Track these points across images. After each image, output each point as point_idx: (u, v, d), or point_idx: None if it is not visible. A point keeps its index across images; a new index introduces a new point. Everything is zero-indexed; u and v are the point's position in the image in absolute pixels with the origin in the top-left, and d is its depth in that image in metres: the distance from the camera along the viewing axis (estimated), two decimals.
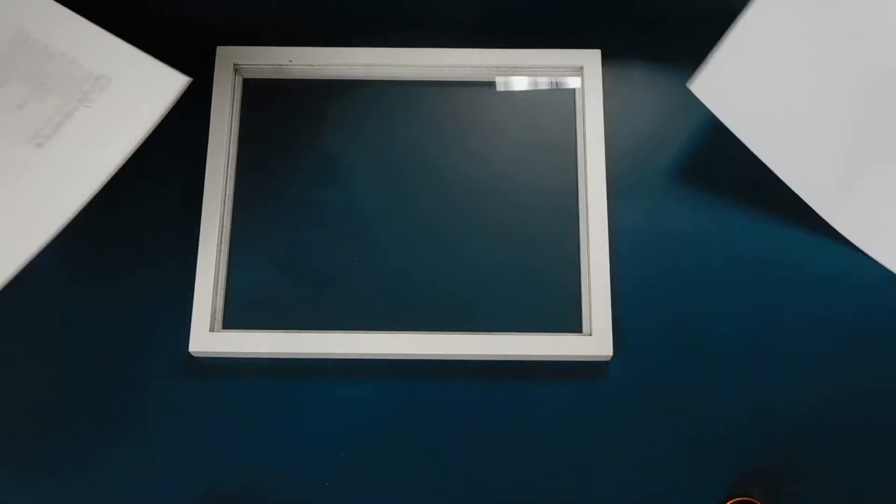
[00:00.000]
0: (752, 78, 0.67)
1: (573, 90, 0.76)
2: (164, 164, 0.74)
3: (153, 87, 0.63)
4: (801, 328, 0.70)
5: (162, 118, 0.62)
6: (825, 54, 0.67)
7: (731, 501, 0.65)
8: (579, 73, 0.75)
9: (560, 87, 0.76)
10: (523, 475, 0.67)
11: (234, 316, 0.70)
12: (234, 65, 0.75)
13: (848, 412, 0.69)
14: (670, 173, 0.74)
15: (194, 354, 0.69)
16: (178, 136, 0.74)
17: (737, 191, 0.73)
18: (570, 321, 0.70)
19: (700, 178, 0.74)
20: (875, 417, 0.69)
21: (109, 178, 0.62)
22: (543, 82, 0.76)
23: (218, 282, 0.70)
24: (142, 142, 0.62)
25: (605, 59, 0.76)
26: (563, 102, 0.75)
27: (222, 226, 0.72)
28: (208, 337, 0.68)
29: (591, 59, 0.75)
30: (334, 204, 0.72)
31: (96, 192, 0.61)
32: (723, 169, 0.74)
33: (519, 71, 0.76)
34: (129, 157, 0.62)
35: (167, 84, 0.63)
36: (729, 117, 0.68)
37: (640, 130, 0.75)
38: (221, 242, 0.71)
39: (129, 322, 0.71)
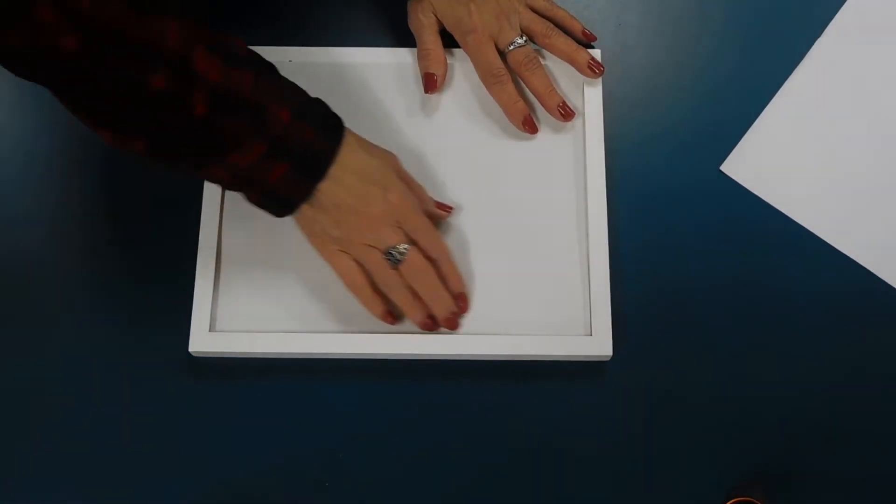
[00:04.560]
0: (781, 153, 0.74)
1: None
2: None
3: None
4: (804, 329, 0.70)
5: None
6: (850, 123, 0.75)
7: (731, 501, 0.65)
8: (579, 72, 0.75)
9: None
10: (523, 475, 0.67)
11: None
12: None
13: (849, 413, 0.68)
14: (671, 174, 0.74)
15: (194, 354, 0.69)
16: None
17: (737, 190, 0.74)
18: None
19: (701, 177, 0.74)
20: (876, 417, 0.68)
21: None
22: None
23: (218, 281, 0.70)
24: None
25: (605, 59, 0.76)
26: None
27: (222, 225, 0.71)
28: (208, 337, 0.68)
29: None
30: None
31: None
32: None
33: None
34: None
35: None
36: (763, 192, 0.72)
37: (640, 130, 0.75)
38: (221, 241, 0.71)
39: (129, 322, 0.71)
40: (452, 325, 0.68)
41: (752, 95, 0.76)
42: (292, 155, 0.62)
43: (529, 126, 0.73)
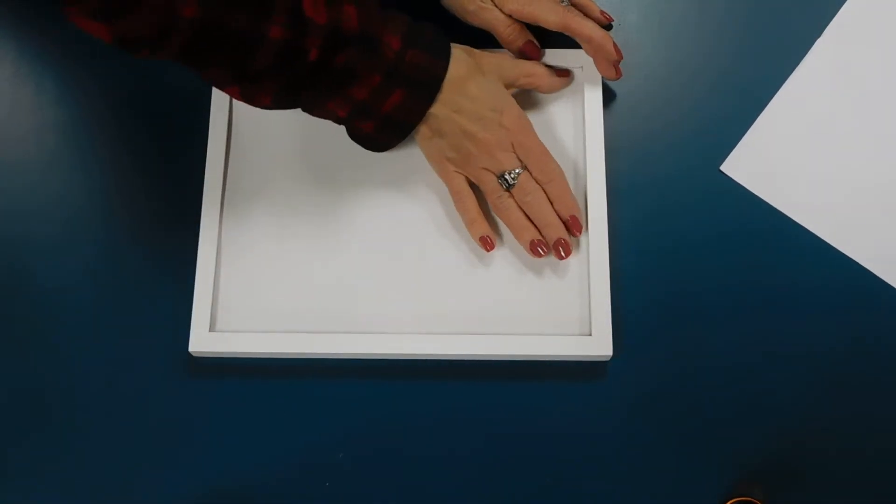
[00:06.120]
0: (781, 153, 0.74)
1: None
2: (164, 163, 0.74)
3: None
4: (804, 329, 0.70)
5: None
6: (851, 123, 0.75)
7: (731, 501, 0.65)
8: (579, 72, 0.75)
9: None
10: (523, 475, 0.67)
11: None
12: None
13: (849, 413, 0.68)
14: (671, 173, 0.74)
15: (194, 354, 0.69)
16: (179, 134, 0.74)
17: (737, 190, 0.74)
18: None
19: (701, 177, 0.74)
20: (876, 417, 0.68)
21: None
22: None
23: (218, 281, 0.70)
24: None
25: None
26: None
27: (222, 225, 0.72)
28: (208, 337, 0.68)
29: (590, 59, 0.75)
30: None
31: None
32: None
33: None
34: None
35: None
36: (763, 192, 0.72)
37: (640, 130, 0.75)
38: (221, 241, 0.71)
39: (129, 322, 0.71)
40: (560, 252, 0.69)
41: (752, 95, 0.76)
42: (406, 80, 0.65)
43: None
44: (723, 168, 0.74)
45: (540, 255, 0.69)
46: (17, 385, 0.69)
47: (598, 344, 0.68)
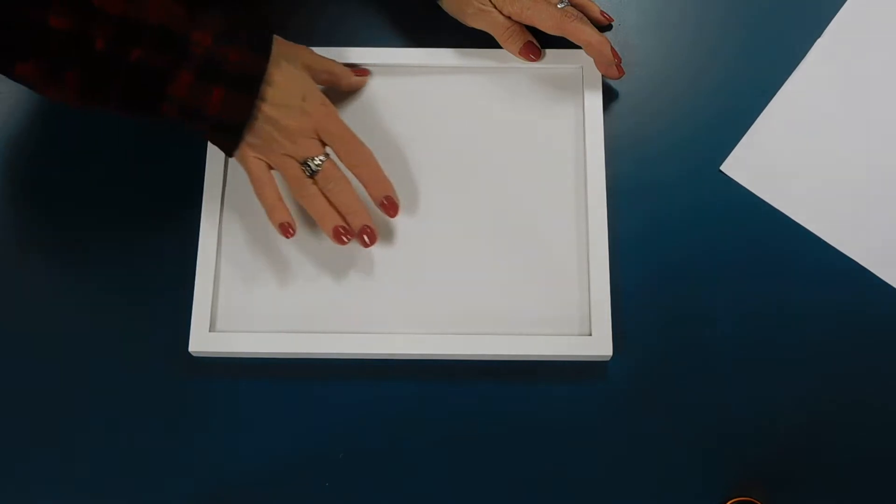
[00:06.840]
0: (781, 153, 0.74)
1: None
2: (164, 164, 0.74)
3: None
4: (804, 329, 0.70)
5: None
6: (849, 125, 0.75)
7: (731, 501, 0.65)
8: (579, 72, 0.75)
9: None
10: (523, 475, 0.67)
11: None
12: None
13: (849, 413, 0.68)
14: (671, 174, 0.74)
15: (194, 354, 0.69)
16: (179, 134, 0.74)
17: (737, 190, 0.74)
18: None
19: (701, 178, 0.74)
20: (876, 417, 0.68)
21: None
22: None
23: (218, 281, 0.70)
24: None
25: None
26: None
27: (222, 225, 0.72)
28: (208, 337, 0.68)
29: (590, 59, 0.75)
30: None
31: None
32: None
33: (519, 70, 0.76)
34: None
35: None
36: (763, 192, 0.72)
37: (640, 131, 0.75)
38: (221, 241, 0.71)
39: (129, 322, 0.71)
40: (364, 239, 0.69)
41: (752, 95, 0.76)
42: (222, 78, 0.63)
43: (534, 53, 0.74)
44: (723, 168, 0.74)
45: (343, 243, 0.68)
46: (17, 385, 0.69)
47: (598, 344, 0.68)
